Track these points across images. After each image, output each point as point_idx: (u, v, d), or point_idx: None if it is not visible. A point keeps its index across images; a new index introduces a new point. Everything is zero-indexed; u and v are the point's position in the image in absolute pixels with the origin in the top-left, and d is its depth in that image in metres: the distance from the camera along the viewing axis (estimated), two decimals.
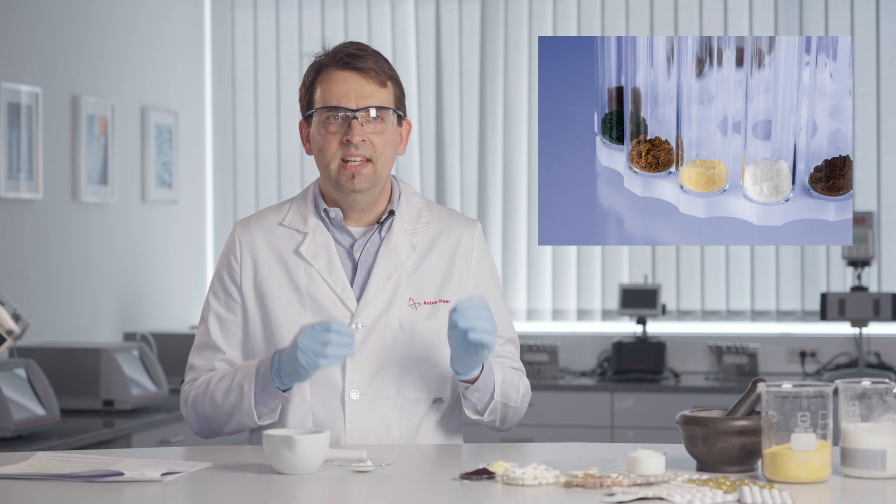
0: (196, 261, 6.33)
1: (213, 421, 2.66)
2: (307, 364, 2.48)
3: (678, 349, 5.94)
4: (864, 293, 5.57)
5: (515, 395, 2.67)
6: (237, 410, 2.60)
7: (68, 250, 5.29)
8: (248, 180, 6.46)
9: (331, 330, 2.46)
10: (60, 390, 4.59)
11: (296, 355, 2.48)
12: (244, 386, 2.58)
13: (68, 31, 5.32)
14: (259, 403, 2.58)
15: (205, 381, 2.67)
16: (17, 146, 4.94)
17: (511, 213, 6.23)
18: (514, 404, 2.67)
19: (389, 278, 2.66)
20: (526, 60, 6.23)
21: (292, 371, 2.51)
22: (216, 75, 6.48)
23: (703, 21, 6.07)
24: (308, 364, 2.48)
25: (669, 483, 2.15)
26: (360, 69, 2.62)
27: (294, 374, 2.52)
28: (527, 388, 2.73)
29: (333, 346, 2.46)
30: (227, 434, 2.69)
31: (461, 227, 2.75)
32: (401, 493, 2.21)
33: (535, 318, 6.20)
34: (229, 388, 2.61)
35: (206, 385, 2.66)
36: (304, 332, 2.48)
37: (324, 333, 2.46)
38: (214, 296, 2.72)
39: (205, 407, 2.65)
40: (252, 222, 2.74)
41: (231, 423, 2.63)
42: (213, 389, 2.63)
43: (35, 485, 2.26)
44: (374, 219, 2.70)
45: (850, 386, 2.26)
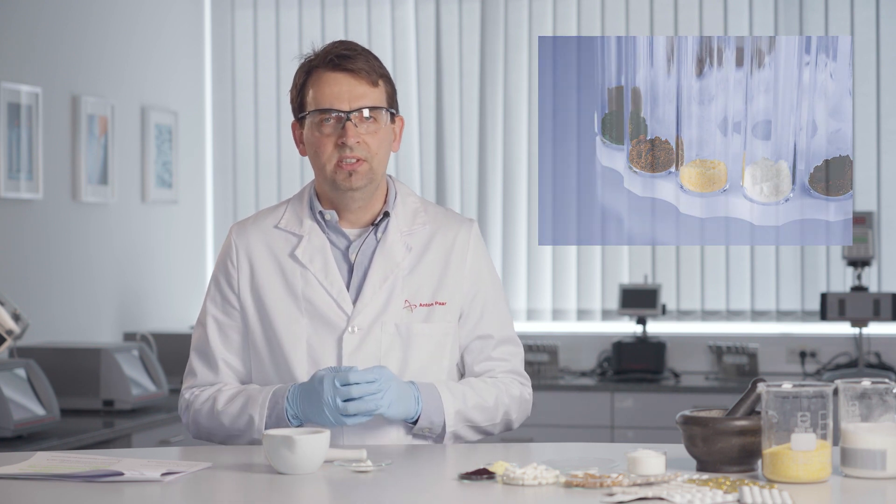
0: (196, 261, 6.33)
1: (216, 436, 2.67)
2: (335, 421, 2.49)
3: (678, 349, 5.94)
4: (864, 293, 5.57)
5: (485, 415, 2.66)
6: (244, 435, 2.62)
7: (68, 250, 5.29)
8: (248, 180, 6.46)
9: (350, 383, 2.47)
10: (60, 390, 4.59)
11: (322, 410, 2.48)
12: (254, 417, 2.59)
13: (68, 31, 5.32)
14: (268, 427, 2.58)
15: (209, 399, 2.66)
16: (17, 146, 4.94)
17: (511, 213, 6.22)
18: (486, 424, 2.67)
19: (385, 280, 2.65)
20: (526, 60, 6.22)
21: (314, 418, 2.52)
22: (216, 75, 6.48)
23: (703, 21, 6.07)
24: (336, 422, 2.49)
25: (669, 483, 2.15)
26: (352, 70, 2.61)
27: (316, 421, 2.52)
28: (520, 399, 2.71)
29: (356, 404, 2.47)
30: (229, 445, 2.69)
31: (457, 227, 2.74)
32: (401, 493, 2.21)
33: (535, 318, 6.20)
34: (238, 413, 2.61)
35: (210, 403, 2.65)
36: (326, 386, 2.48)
37: (345, 388, 2.47)
38: (212, 300, 2.72)
39: (210, 425, 2.65)
40: (248, 225, 2.74)
41: (236, 442, 2.65)
42: (221, 412, 2.63)
43: (35, 485, 2.26)
44: (369, 220, 2.70)
45: (850, 386, 2.26)
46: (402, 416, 2.56)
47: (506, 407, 2.69)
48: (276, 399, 2.58)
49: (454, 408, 2.61)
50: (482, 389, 2.67)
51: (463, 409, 2.62)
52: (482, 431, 2.69)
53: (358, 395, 2.47)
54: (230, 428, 2.62)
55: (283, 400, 2.56)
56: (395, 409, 2.53)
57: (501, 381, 2.71)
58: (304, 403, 2.53)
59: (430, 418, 2.60)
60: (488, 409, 2.66)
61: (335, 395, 2.47)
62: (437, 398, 2.60)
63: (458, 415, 2.62)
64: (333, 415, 2.47)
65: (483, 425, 2.67)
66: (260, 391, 2.61)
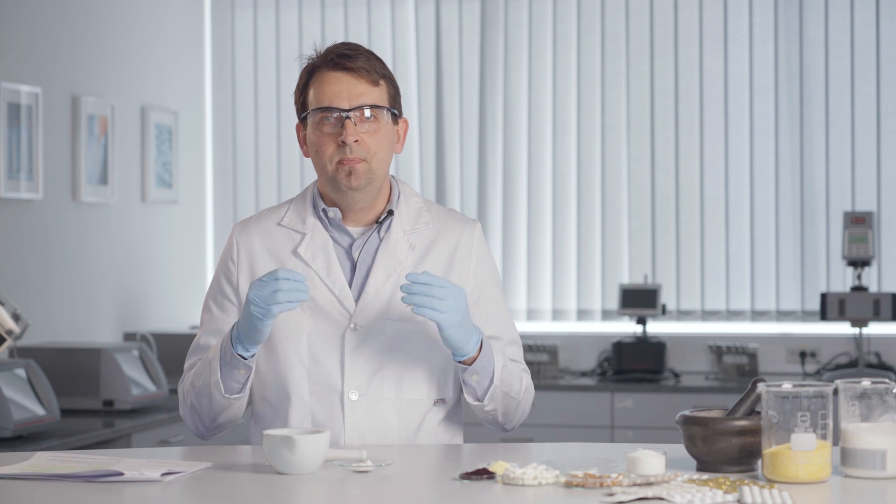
0: (196, 261, 6.33)
1: (198, 411, 2.64)
2: (261, 314, 2.47)
3: (678, 349, 5.94)
4: (864, 293, 5.57)
5: (518, 385, 2.66)
6: (209, 388, 2.59)
7: (68, 250, 5.29)
8: (248, 180, 6.46)
9: (279, 277, 2.46)
10: (60, 390, 4.59)
11: (249, 310, 2.48)
12: (211, 362, 2.59)
13: (68, 31, 5.32)
14: (225, 376, 2.57)
15: (187, 375, 2.68)
16: (17, 146, 4.94)
17: (511, 213, 6.22)
18: (515, 395, 2.65)
19: (388, 278, 2.66)
20: (526, 60, 6.22)
21: (249, 329, 2.51)
22: (216, 75, 6.48)
23: (703, 21, 6.07)
24: (262, 314, 2.47)
25: (669, 483, 2.15)
26: (352, 69, 2.62)
27: (252, 331, 2.51)
28: (530, 385, 2.73)
29: (284, 292, 2.46)
30: (218, 426, 2.67)
31: (461, 228, 2.74)
32: (401, 493, 2.21)
33: (535, 318, 6.20)
34: (201, 368, 2.62)
35: (190, 375, 2.67)
36: (253, 285, 2.49)
37: (273, 282, 2.46)
38: (212, 299, 2.72)
39: (190, 396, 2.65)
40: (250, 224, 2.74)
41: (211, 406, 2.61)
42: (193, 375, 2.65)
43: (35, 485, 2.26)
44: (372, 219, 2.70)
45: (850, 386, 2.26)
46: (458, 341, 2.54)
47: (527, 386, 2.70)
48: (225, 337, 2.57)
49: (501, 364, 2.61)
50: (510, 362, 2.67)
51: (506, 370, 2.62)
52: (508, 402, 2.65)
53: (420, 292, 2.45)
54: (200, 386, 2.60)
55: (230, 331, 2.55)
56: (454, 330, 2.51)
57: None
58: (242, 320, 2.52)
59: (483, 364, 2.58)
60: (518, 380, 2.66)
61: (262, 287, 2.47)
62: (491, 351, 2.60)
63: (503, 371, 2.61)
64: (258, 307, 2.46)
65: (512, 395, 2.65)
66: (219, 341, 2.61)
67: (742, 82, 6.04)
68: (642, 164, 6.12)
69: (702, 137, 6.08)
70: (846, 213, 5.67)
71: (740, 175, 6.04)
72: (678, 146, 6.10)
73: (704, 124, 6.08)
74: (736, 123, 6.05)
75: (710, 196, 6.07)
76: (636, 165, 6.13)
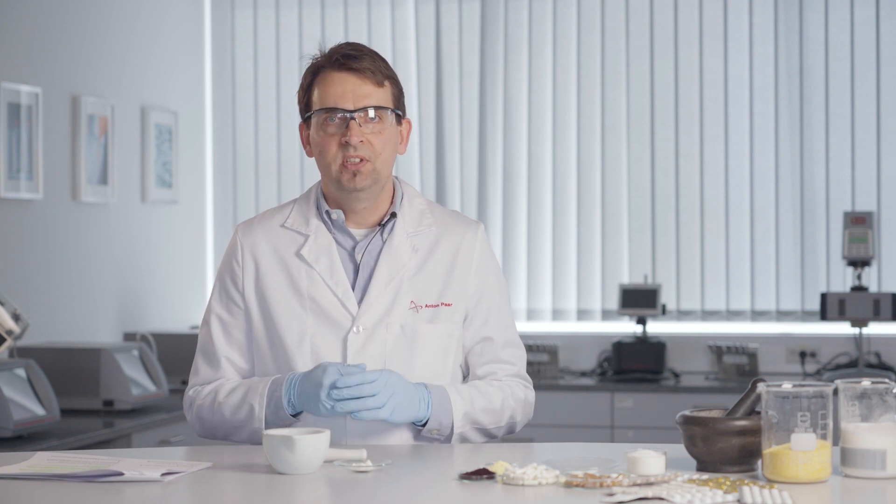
0: (196, 261, 6.33)
1: (219, 430, 2.67)
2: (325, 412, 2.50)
3: (678, 349, 5.94)
4: (864, 293, 5.57)
5: (491, 418, 2.66)
6: (246, 427, 2.61)
7: (68, 250, 5.28)
8: (248, 180, 6.46)
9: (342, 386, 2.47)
10: (60, 390, 4.59)
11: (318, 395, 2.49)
12: (255, 407, 2.59)
13: (68, 31, 5.32)
14: (270, 424, 2.59)
15: (211, 392, 2.67)
16: (17, 146, 4.94)
17: (511, 213, 6.22)
18: (492, 426, 2.67)
19: (391, 281, 2.65)
20: (526, 60, 6.22)
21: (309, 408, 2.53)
22: (216, 75, 6.48)
23: (703, 21, 6.07)
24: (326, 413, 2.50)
25: (669, 483, 2.15)
26: (357, 69, 2.62)
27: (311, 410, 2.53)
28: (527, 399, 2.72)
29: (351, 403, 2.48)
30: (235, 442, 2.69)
31: (463, 229, 2.74)
32: (401, 493, 2.21)
33: (535, 318, 6.20)
34: (239, 404, 2.61)
35: (212, 396, 2.66)
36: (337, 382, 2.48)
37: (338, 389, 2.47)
38: (217, 299, 2.72)
39: (212, 418, 2.65)
40: (254, 224, 2.74)
41: (239, 435, 2.65)
42: (222, 402, 2.63)
43: (35, 485, 2.26)
44: (376, 220, 2.70)
45: (850, 386, 2.26)
46: (409, 420, 2.57)
47: (511, 410, 2.69)
48: (275, 387, 2.58)
49: (462, 410, 2.61)
50: (489, 392, 2.67)
51: (471, 412, 2.63)
52: (487, 434, 2.69)
53: (350, 396, 2.47)
54: (231, 419, 2.62)
55: (282, 387, 2.56)
56: (400, 415, 2.53)
57: (507, 384, 2.71)
58: (301, 392, 2.53)
59: (439, 420, 2.60)
60: (495, 412, 2.66)
61: (330, 389, 2.47)
62: (446, 400, 2.60)
63: (465, 417, 2.62)
64: (325, 408, 2.48)
65: (489, 427, 2.67)
66: (260, 381, 2.62)
67: (742, 82, 6.04)
68: (642, 164, 6.12)
69: (702, 137, 6.08)
70: (846, 213, 5.67)
71: (740, 175, 6.04)
72: (678, 146, 6.10)
73: (704, 124, 6.07)
74: (736, 123, 6.05)
75: (710, 196, 6.07)
76: (636, 165, 6.13)
